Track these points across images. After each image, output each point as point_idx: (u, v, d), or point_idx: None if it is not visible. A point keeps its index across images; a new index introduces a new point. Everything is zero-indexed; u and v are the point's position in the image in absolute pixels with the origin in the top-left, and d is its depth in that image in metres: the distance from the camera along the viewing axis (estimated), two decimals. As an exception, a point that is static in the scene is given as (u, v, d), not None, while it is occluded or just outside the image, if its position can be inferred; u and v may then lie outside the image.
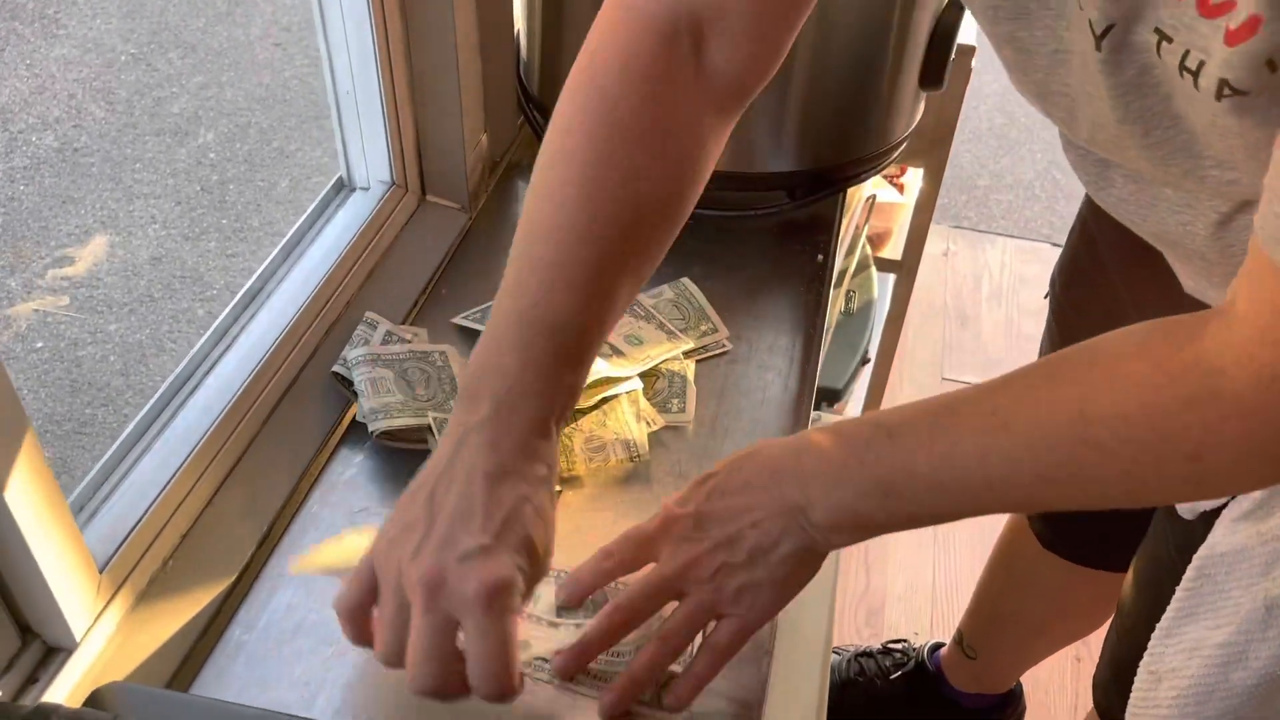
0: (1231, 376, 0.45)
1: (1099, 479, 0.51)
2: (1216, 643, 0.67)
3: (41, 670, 0.63)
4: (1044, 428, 0.51)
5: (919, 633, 1.63)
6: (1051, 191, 2.65)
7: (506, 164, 1.13)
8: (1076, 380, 0.50)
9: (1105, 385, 0.49)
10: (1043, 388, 0.52)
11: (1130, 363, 0.49)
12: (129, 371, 2.05)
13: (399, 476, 0.79)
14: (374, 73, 0.92)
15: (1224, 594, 0.67)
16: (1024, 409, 0.52)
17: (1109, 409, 0.49)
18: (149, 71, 2.87)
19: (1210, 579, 0.68)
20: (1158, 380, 0.47)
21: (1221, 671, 0.67)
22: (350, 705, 0.65)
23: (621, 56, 0.62)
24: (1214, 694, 0.67)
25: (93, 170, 2.53)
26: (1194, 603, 0.69)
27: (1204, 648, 0.67)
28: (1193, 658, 0.68)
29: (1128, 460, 0.49)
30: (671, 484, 0.80)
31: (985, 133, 2.86)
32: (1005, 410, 0.52)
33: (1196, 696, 0.68)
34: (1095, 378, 0.50)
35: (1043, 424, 0.51)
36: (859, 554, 1.75)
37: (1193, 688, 0.68)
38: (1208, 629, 0.68)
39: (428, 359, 0.84)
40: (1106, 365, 0.50)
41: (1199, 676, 0.68)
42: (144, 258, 2.30)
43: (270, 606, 0.70)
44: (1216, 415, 0.46)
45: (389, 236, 0.99)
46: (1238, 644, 0.65)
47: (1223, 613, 0.67)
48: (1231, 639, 0.66)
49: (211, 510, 0.75)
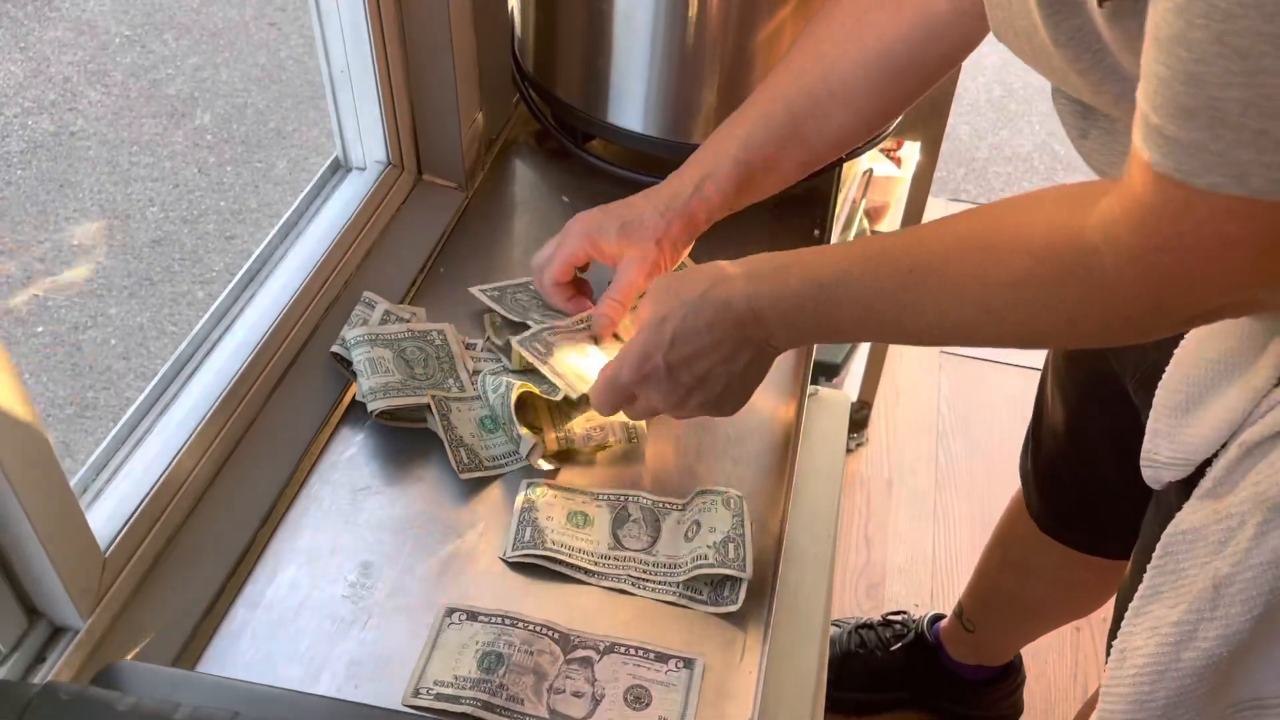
0: (1102, 254, 0.51)
1: (995, 335, 0.61)
2: (1171, 622, 0.66)
3: (48, 650, 0.64)
4: (950, 290, 0.60)
5: (919, 605, 1.64)
6: (1050, 164, 2.64)
7: (503, 142, 1.13)
8: (984, 246, 0.58)
9: (1005, 254, 0.57)
10: (955, 252, 0.60)
11: (1028, 230, 0.56)
12: (130, 354, 2.06)
13: (399, 455, 0.80)
14: (368, 52, 0.92)
15: (1183, 572, 0.67)
16: (935, 270, 0.60)
17: (1005, 278, 0.57)
18: (144, 53, 2.86)
19: (1172, 557, 0.68)
20: (1044, 253, 0.55)
21: (1174, 650, 0.66)
22: (354, 679, 0.66)
23: None
24: (1166, 674, 0.67)
25: (89, 154, 2.52)
26: (1159, 581, 0.69)
27: (1162, 627, 0.67)
28: (1152, 636, 0.68)
29: (1014, 323, 0.58)
30: (670, 463, 0.81)
31: (983, 105, 2.85)
32: (921, 269, 0.61)
33: (1150, 676, 0.68)
34: (999, 244, 0.57)
35: (949, 287, 0.60)
36: (859, 529, 1.76)
37: (1148, 666, 0.68)
38: (1167, 608, 0.67)
39: (426, 338, 0.85)
40: (1010, 233, 0.57)
41: (1154, 655, 0.67)
42: (143, 241, 2.30)
43: (274, 585, 0.71)
44: (1087, 288, 0.53)
45: (386, 216, 0.99)
46: (1189, 623, 0.65)
47: (1179, 591, 0.67)
48: (1183, 618, 0.65)
49: (214, 490, 0.76)
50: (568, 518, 0.75)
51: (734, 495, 0.76)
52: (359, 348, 0.82)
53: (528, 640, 0.68)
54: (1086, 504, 1.09)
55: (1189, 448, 0.68)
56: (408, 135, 1.00)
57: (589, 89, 1.04)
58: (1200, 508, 0.66)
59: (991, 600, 1.32)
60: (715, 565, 0.71)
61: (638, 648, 0.68)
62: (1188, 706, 0.68)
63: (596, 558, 0.74)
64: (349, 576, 0.72)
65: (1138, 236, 0.49)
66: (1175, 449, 0.70)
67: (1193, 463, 0.69)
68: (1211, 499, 0.65)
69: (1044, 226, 0.55)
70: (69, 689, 0.53)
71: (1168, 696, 0.68)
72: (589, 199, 1.06)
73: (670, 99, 1.01)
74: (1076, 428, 1.04)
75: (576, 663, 0.67)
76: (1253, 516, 0.62)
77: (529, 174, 1.11)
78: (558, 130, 1.10)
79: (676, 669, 0.67)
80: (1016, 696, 1.46)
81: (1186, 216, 0.47)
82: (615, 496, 0.78)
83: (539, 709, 0.65)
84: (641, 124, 1.03)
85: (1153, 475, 0.73)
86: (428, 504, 0.77)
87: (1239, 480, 0.64)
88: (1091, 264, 0.52)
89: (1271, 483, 0.61)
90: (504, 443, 0.80)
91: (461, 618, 0.69)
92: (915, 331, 0.64)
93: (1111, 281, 0.51)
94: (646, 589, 0.72)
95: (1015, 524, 1.22)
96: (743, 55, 0.98)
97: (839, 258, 0.65)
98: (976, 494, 1.82)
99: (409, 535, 0.75)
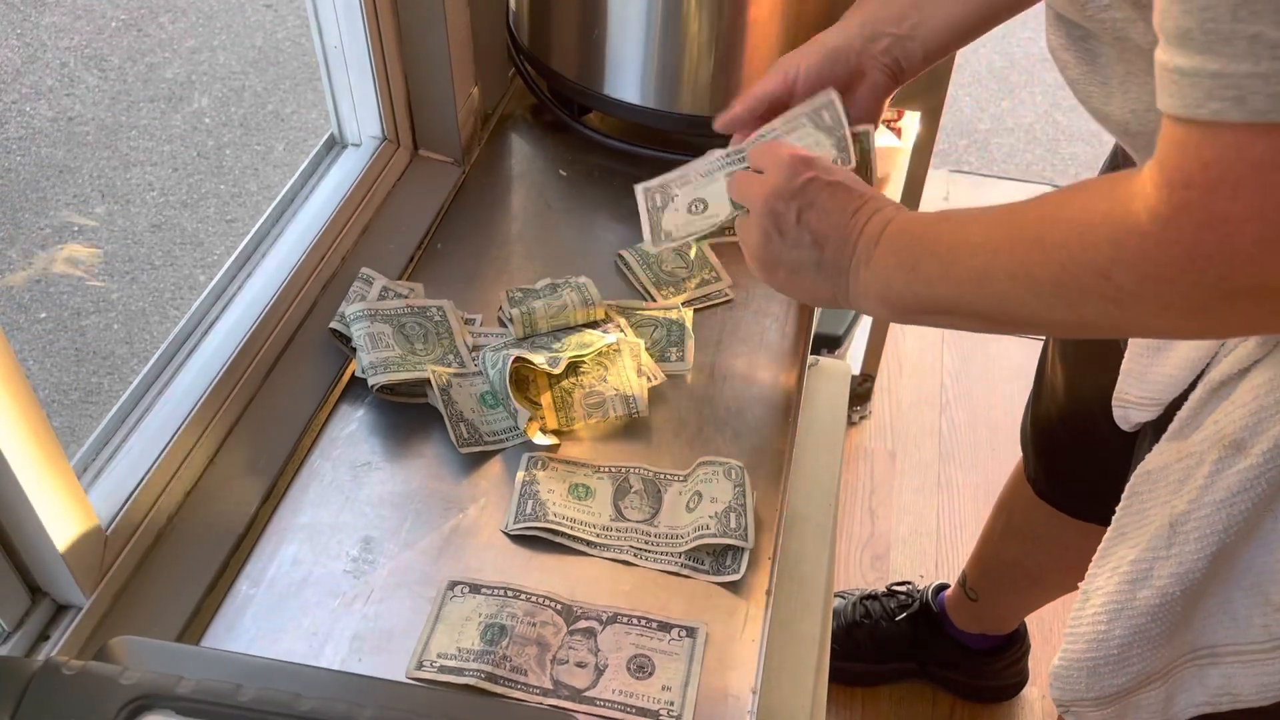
0: (1140, 218, 0.50)
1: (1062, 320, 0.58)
2: (1130, 560, 0.67)
3: (52, 628, 0.64)
4: (1025, 268, 0.57)
5: (924, 575, 1.65)
6: (1053, 134, 2.63)
7: (499, 117, 1.12)
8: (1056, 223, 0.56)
9: (1073, 235, 0.54)
10: (1033, 239, 0.57)
11: (1090, 213, 0.54)
12: (133, 339, 2.06)
13: (399, 430, 0.80)
14: (361, 26, 0.91)
15: (1145, 513, 0.67)
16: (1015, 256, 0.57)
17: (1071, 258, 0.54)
18: (140, 37, 2.85)
19: (1138, 497, 0.68)
20: (1099, 227, 0.53)
21: (1130, 589, 0.67)
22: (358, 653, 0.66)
23: None
24: (1122, 612, 0.67)
25: (88, 139, 2.51)
26: (1125, 522, 0.69)
27: (1122, 566, 0.68)
28: (1112, 576, 0.68)
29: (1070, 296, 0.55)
30: (670, 435, 0.81)
31: (985, 76, 2.83)
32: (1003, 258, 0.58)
33: (1108, 614, 0.68)
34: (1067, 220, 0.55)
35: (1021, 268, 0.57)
36: (863, 501, 1.76)
37: (1105, 605, 0.68)
38: (1129, 547, 0.68)
39: (425, 314, 0.85)
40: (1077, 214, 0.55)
41: (1112, 594, 0.68)
42: (143, 225, 2.30)
43: (276, 560, 0.71)
44: (1127, 251, 0.51)
45: (382, 192, 0.98)
46: (1145, 561, 0.66)
47: (1141, 531, 0.67)
48: (1140, 556, 0.66)
49: (215, 468, 0.76)
50: (569, 490, 0.75)
51: (735, 465, 0.76)
52: (358, 323, 0.82)
53: (530, 612, 0.68)
54: (1081, 465, 1.09)
55: (1157, 387, 0.69)
56: (403, 110, 1.00)
57: (585, 61, 1.03)
58: (1166, 449, 0.66)
59: (994, 569, 1.32)
60: (717, 535, 0.71)
61: (640, 617, 0.68)
62: (1142, 646, 0.68)
63: (598, 529, 0.74)
64: (351, 552, 0.72)
65: (1163, 190, 0.48)
66: (1144, 389, 0.70)
67: (1161, 403, 0.69)
68: (1177, 439, 0.66)
69: (1100, 209, 0.54)
70: (72, 664, 0.53)
71: (1123, 635, 0.68)
72: (586, 172, 1.06)
73: (667, 70, 1.00)
74: (1074, 385, 1.04)
75: (579, 633, 0.67)
76: (1210, 455, 0.63)
77: (525, 148, 1.10)
78: (554, 103, 1.09)
79: (679, 638, 0.67)
80: (1021, 665, 1.46)
81: (1197, 155, 0.46)
82: (616, 469, 0.77)
83: (542, 680, 0.65)
84: (638, 95, 1.02)
85: (1122, 415, 0.73)
86: (429, 479, 0.77)
87: (1203, 420, 0.64)
88: (1132, 228, 0.50)
89: (1229, 420, 0.62)
90: (504, 417, 0.80)
91: (464, 590, 0.69)
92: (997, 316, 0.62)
93: (1151, 246, 0.50)
94: (648, 559, 0.72)
95: (1017, 492, 1.22)
96: (739, 25, 0.97)
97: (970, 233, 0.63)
98: (980, 465, 1.82)
99: (410, 510, 0.75)
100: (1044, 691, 1.50)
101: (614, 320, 0.87)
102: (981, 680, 1.45)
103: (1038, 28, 3.03)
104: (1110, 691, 0.71)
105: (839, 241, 0.67)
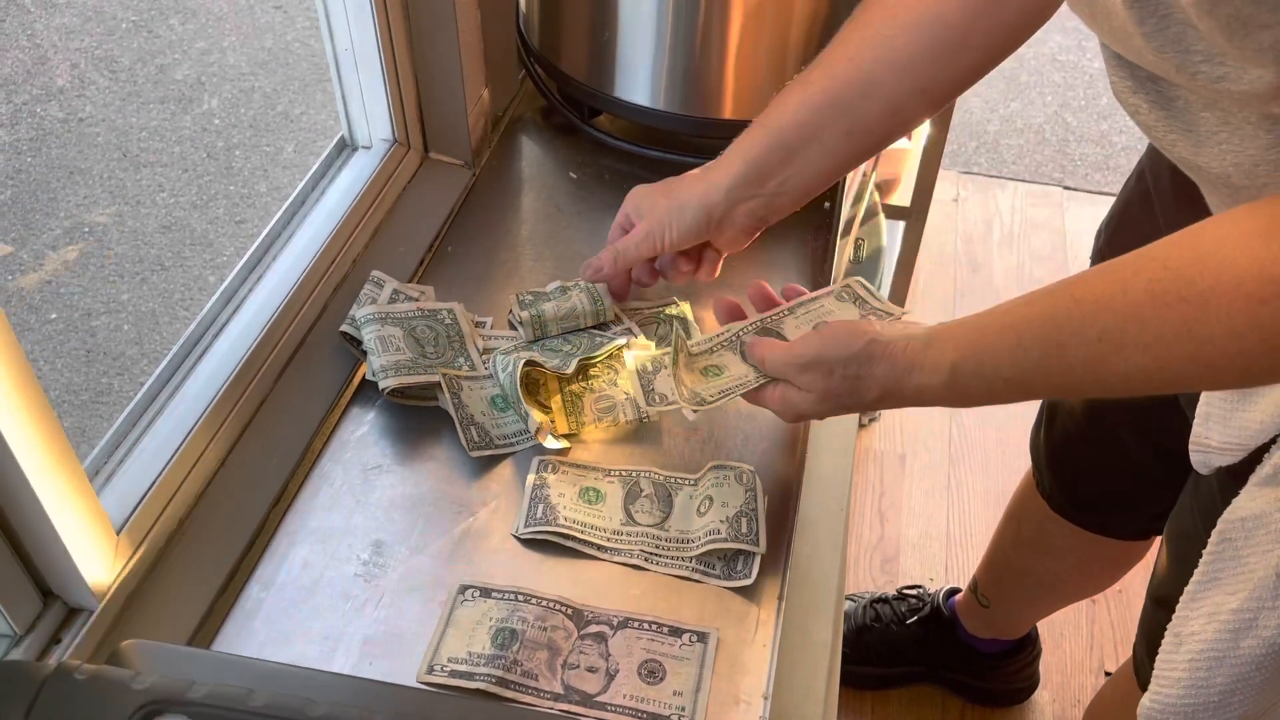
0: None
1: (1211, 383, 0.58)
2: (1231, 609, 0.66)
3: (63, 631, 0.64)
4: (1152, 352, 0.54)
5: (934, 579, 1.64)
6: (1063, 135, 2.62)
7: (509, 119, 1.12)
8: (1184, 299, 0.52)
9: (1215, 304, 0.51)
10: (1150, 311, 0.54)
11: (1233, 271, 0.50)
12: (143, 340, 2.06)
13: (410, 434, 0.80)
14: (372, 28, 0.91)
15: (1242, 560, 0.66)
16: (1131, 336, 0.54)
17: (1220, 329, 0.51)
18: (151, 38, 2.85)
19: (1231, 544, 0.66)
20: (1264, 293, 0.49)
21: (1233, 638, 0.66)
22: (369, 657, 0.66)
23: None
24: (1224, 661, 0.66)
25: (98, 140, 2.52)
26: (1217, 568, 0.67)
27: (1221, 613, 0.66)
28: (1210, 623, 0.67)
29: (1237, 371, 0.53)
30: (681, 438, 0.81)
31: (994, 77, 2.81)
32: (1113, 336, 0.55)
33: (1208, 663, 0.67)
34: (1202, 294, 0.52)
35: (1151, 348, 0.54)
36: (873, 504, 1.76)
37: (1205, 653, 0.67)
38: (1227, 594, 0.66)
39: (435, 317, 0.85)
40: (1211, 279, 0.51)
41: (1212, 642, 0.67)
42: (153, 226, 2.31)
43: (287, 564, 0.71)
44: None
45: (393, 195, 0.98)
46: (1249, 611, 0.65)
47: (1240, 579, 0.66)
48: (1244, 605, 0.65)
49: (226, 471, 0.76)
50: (580, 494, 0.75)
51: (746, 470, 0.76)
52: (369, 326, 0.82)
53: (541, 616, 0.68)
54: (1102, 485, 1.08)
55: (1244, 433, 0.66)
56: (413, 113, 1.00)
57: (595, 63, 1.03)
58: (1260, 494, 0.65)
59: (1005, 577, 1.32)
60: (728, 540, 0.71)
61: (651, 622, 0.68)
62: (1244, 693, 0.67)
63: (609, 534, 0.73)
64: (362, 555, 0.72)
65: None
66: (1228, 434, 0.68)
67: (1247, 448, 0.67)
68: (1272, 486, 0.64)
69: (1250, 264, 0.50)
70: (83, 668, 0.53)
71: (1225, 683, 0.67)
72: (596, 174, 1.06)
73: (677, 72, 1.00)
74: (1095, 407, 1.03)
75: (590, 638, 0.67)
76: None
77: (536, 150, 1.10)
78: (564, 106, 1.09)
79: (690, 643, 0.67)
80: (1032, 669, 1.45)
81: None
82: (627, 472, 0.77)
83: (553, 684, 0.65)
84: (649, 98, 1.02)
85: (1202, 460, 0.71)
86: (439, 482, 0.77)
87: None
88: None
89: None
90: (514, 421, 0.80)
91: (475, 594, 0.69)
92: (1113, 392, 0.60)
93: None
94: (659, 564, 0.72)
95: (1027, 502, 1.21)
96: (751, 26, 0.97)
97: (1014, 347, 0.61)
98: (991, 468, 1.81)
99: (421, 514, 0.74)
100: (1054, 695, 1.49)
101: (625, 322, 0.87)
102: (992, 684, 1.45)
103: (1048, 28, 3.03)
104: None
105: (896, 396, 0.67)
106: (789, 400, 0.71)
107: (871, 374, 0.66)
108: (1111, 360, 0.56)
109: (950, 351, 0.64)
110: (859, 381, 0.67)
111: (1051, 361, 0.59)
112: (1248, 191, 0.59)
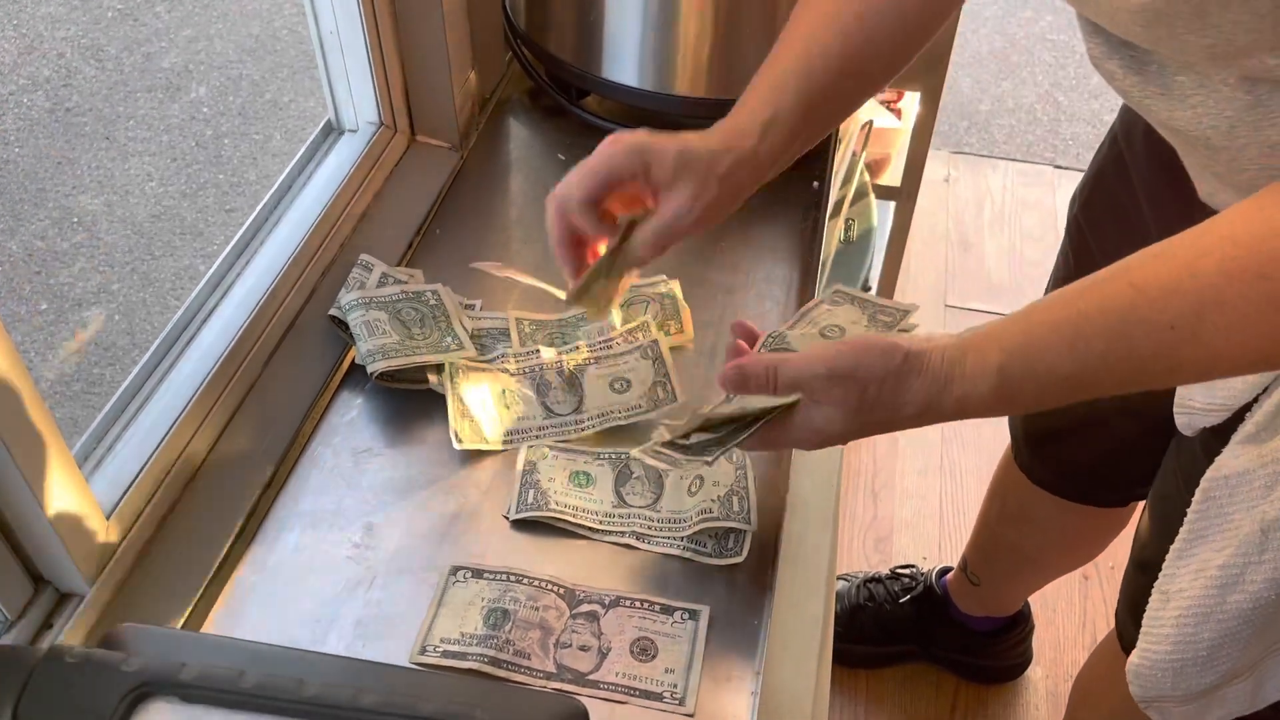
0: None
1: None
2: (1217, 565, 0.67)
3: (55, 616, 0.64)
4: (1233, 335, 0.52)
5: (927, 558, 1.65)
6: (1054, 114, 2.61)
7: (496, 101, 1.11)
8: (1264, 275, 0.50)
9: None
10: (1228, 292, 0.52)
11: None
12: (134, 330, 2.06)
13: (400, 417, 0.80)
14: (356, 11, 0.91)
15: (1227, 516, 0.67)
16: (1209, 321, 0.52)
17: None
18: (137, 26, 2.83)
19: (1215, 501, 0.67)
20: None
21: (1219, 594, 0.67)
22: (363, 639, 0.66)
23: None
24: (1211, 616, 0.67)
25: (86, 130, 2.50)
26: (1202, 525, 0.68)
27: (1208, 570, 0.67)
28: (1197, 579, 0.68)
29: None
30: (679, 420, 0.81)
31: (985, 56, 2.81)
32: (1187, 323, 0.53)
33: (1195, 618, 0.68)
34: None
35: (1232, 332, 0.52)
36: (866, 484, 1.76)
37: (1193, 609, 0.68)
38: (1213, 551, 0.67)
39: (420, 299, 0.84)
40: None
41: (1199, 598, 0.68)
42: (143, 215, 2.29)
43: (279, 547, 0.71)
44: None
45: (380, 178, 0.98)
46: (1235, 566, 0.65)
47: (1225, 535, 0.67)
48: (1230, 561, 0.66)
49: (216, 455, 0.76)
50: (570, 478, 0.75)
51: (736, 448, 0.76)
52: (354, 311, 0.82)
53: (533, 596, 0.68)
54: (1081, 454, 1.08)
55: (1227, 393, 0.67)
56: (399, 95, 0.99)
57: (582, 44, 1.03)
58: (1243, 452, 0.65)
59: (993, 553, 1.32)
60: (720, 518, 0.71)
61: (643, 600, 0.68)
62: (1231, 648, 0.68)
63: (601, 516, 0.73)
64: (353, 538, 0.72)
65: None
66: (1211, 395, 0.68)
67: (1230, 408, 0.67)
68: (1254, 444, 0.65)
69: None
70: (75, 652, 0.53)
71: (1212, 638, 0.68)
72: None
73: (664, 52, 1.00)
74: None
75: (582, 617, 0.67)
76: None
77: (524, 132, 1.10)
78: (552, 87, 1.09)
79: (682, 620, 0.67)
80: (1025, 645, 1.46)
81: None
82: (617, 454, 0.77)
83: (546, 664, 0.65)
84: (636, 78, 1.02)
85: (1186, 422, 0.71)
86: (430, 465, 0.77)
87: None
88: None
89: None
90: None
91: (467, 575, 0.69)
92: (1182, 381, 0.59)
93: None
94: (651, 543, 0.72)
95: (1009, 477, 1.21)
96: (738, 6, 0.97)
97: (1072, 342, 0.57)
98: (983, 447, 1.81)
99: (412, 496, 0.74)
100: (1047, 671, 1.50)
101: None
102: (985, 661, 1.45)
103: (1039, 7, 3.02)
104: (1197, 690, 0.71)
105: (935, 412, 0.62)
106: (811, 420, 0.63)
107: (909, 389, 0.61)
108: (1185, 348, 0.53)
109: (994, 354, 0.58)
110: (896, 397, 0.61)
111: (1118, 355, 0.55)
112: (1227, 152, 0.59)
